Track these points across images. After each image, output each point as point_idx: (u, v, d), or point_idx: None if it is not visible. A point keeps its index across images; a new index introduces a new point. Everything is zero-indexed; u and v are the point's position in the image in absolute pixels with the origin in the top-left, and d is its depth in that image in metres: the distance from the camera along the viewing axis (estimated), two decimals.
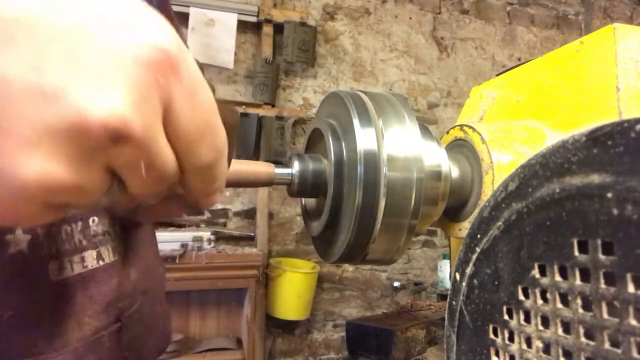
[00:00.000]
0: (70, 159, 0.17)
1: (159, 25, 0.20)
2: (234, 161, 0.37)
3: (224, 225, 2.44)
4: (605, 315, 0.19)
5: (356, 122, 0.35)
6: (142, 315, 0.48)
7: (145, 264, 0.51)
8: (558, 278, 0.22)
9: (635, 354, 0.18)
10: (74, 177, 0.18)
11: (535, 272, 0.23)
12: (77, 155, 0.18)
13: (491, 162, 0.38)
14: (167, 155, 0.21)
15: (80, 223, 0.40)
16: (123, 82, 0.18)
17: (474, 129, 0.40)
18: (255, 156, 2.39)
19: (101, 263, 0.42)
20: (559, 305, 0.22)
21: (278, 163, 0.37)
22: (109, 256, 0.43)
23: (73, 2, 0.18)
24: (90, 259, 0.40)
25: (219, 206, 2.44)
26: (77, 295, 0.39)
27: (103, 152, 0.18)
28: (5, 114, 0.16)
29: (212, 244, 2.21)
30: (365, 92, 0.38)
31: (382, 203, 0.34)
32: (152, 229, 0.57)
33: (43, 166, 0.17)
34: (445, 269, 2.59)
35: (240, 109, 2.39)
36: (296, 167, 0.37)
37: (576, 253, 0.21)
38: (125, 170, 0.20)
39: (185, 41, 0.59)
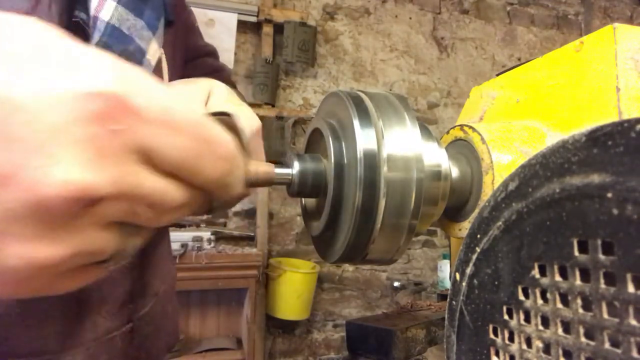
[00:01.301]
0: (46, 236, 0.17)
1: (91, 64, 0.18)
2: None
3: (224, 225, 2.44)
4: (605, 315, 0.19)
5: (356, 122, 0.35)
6: (153, 316, 0.48)
7: (159, 265, 0.51)
8: (558, 278, 0.22)
9: (635, 354, 0.18)
10: (63, 250, 0.17)
11: (535, 272, 0.23)
12: (53, 230, 0.17)
13: (491, 162, 0.38)
14: (161, 190, 0.20)
15: None
16: (70, 147, 0.16)
17: (474, 129, 0.40)
18: None
19: None
20: (559, 305, 0.22)
21: (278, 163, 0.37)
22: None
23: None
24: None
25: None
26: (91, 296, 0.39)
27: (83, 217, 0.18)
28: None
29: (212, 244, 2.21)
30: (365, 92, 0.38)
31: (382, 203, 0.34)
32: (167, 228, 0.57)
33: (22, 251, 0.17)
34: (445, 269, 2.59)
35: None
36: (296, 167, 0.37)
37: (576, 253, 0.21)
38: (126, 218, 0.19)
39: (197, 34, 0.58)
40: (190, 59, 0.56)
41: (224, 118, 0.27)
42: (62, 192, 0.16)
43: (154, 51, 0.41)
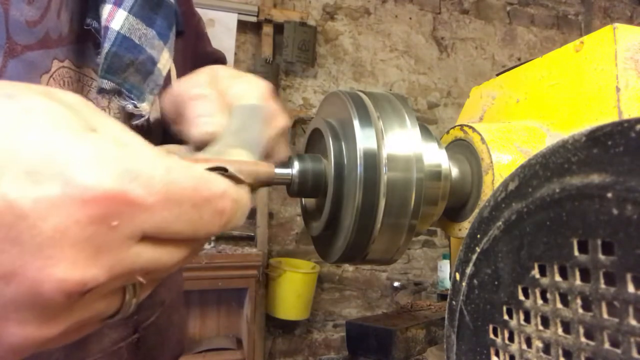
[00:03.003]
0: (45, 320, 0.18)
1: (88, 161, 0.18)
2: (233, 161, 0.37)
3: None
4: (605, 315, 0.19)
5: (356, 122, 0.35)
6: (159, 326, 0.48)
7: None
8: (558, 278, 0.22)
9: (635, 354, 0.18)
10: (62, 327, 0.19)
11: (535, 272, 0.23)
12: (51, 315, 0.18)
13: (491, 162, 0.38)
14: (159, 259, 0.21)
15: None
16: (69, 248, 0.18)
17: (474, 129, 0.40)
18: None
19: None
20: (559, 305, 0.22)
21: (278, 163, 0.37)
22: None
23: None
24: None
25: None
26: None
27: (81, 301, 0.19)
28: None
29: (212, 244, 2.21)
30: (365, 92, 0.38)
31: (382, 203, 0.34)
32: None
33: (22, 332, 0.18)
34: (445, 269, 2.59)
35: None
36: (296, 167, 0.36)
37: (576, 253, 0.21)
38: (125, 284, 0.21)
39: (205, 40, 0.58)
40: (198, 65, 0.56)
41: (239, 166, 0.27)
42: (60, 289, 0.18)
43: (166, 60, 0.41)
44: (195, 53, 0.54)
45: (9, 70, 0.30)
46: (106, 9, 0.36)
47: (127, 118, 0.39)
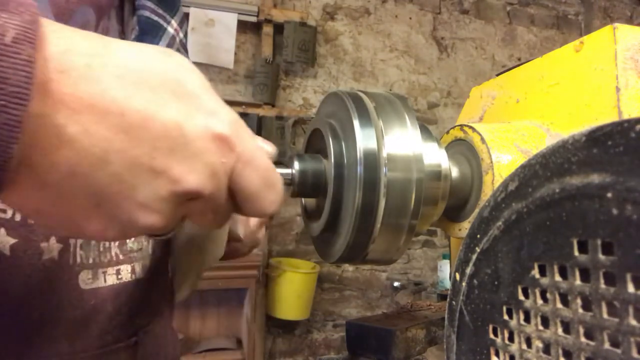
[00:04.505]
0: (165, 213, 0.25)
1: (221, 112, 0.26)
2: None
3: None
4: (605, 315, 0.19)
5: (356, 122, 0.35)
6: (157, 335, 0.49)
7: (165, 285, 0.52)
8: (558, 278, 0.22)
9: (635, 354, 0.18)
10: (166, 223, 0.26)
11: (535, 272, 0.23)
12: (170, 210, 0.25)
13: (491, 162, 0.38)
14: (225, 207, 0.28)
15: None
16: (200, 165, 0.25)
17: (474, 129, 0.40)
18: None
19: (134, 277, 0.44)
20: (559, 305, 0.22)
21: (278, 163, 0.37)
22: (141, 272, 0.45)
23: (167, 99, 0.24)
24: (125, 272, 0.43)
25: None
26: (106, 305, 0.42)
27: (184, 205, 0.26)
28: (129, 185, 0.23)
29: None
30: (365, 92, 0.38)
31: (382, 203, 0.34)
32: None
33: (149, 219, 0.25)
34: (445, 269, 2.59)
35: (240, 109, 2.39)
36: (296, 167, 0.36)
37: (576, 253, 0.21)
38: (195, 216, 0.28)
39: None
40: None
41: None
42: (193, 185, 0.25)
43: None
44: None
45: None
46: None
47: None
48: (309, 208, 0.43)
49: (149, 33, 0.44)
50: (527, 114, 0.43)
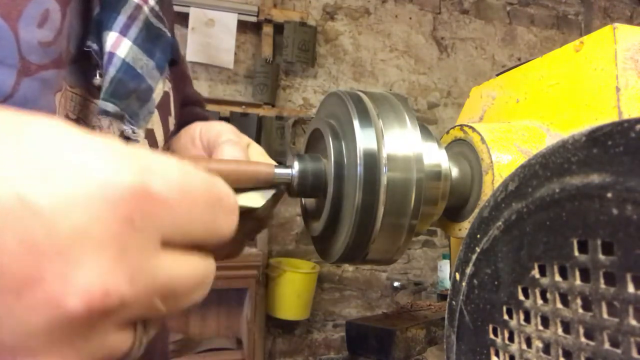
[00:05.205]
0: (62, 348, 0.16)
1: (104, 157, 0.17)
2: (233, 160, 0.37)
3: None
4: (605, 315, 0.19)
5: (356, 122, 0.35)
6: (152, 347, 0.48)
7: None
8: (558, 278, 0.22)
9: (635, 354, 0.18)
10: (82, 358, 0.17)
11: (535, 272, 0.23)
12: (69, 341, 0.16)
13: (491, 162, 0.38)
14: (180, 276, 0.19)
15: None
16: (91, 250, 0.16)
17: (474, 129, 0.40)
18: None
19: None
20: (559, 305, 0.22)
21: (278, 163, 0.37)
22: None
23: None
24: None
25: None
26: None
27: (102, 324, 0.17)
28: None
29: None
30: (365, 92, 0.38)
31: (382, 203, 0.34)
32: None
33: None
34: (445, 269, 2.59)
35: (240, 109, 2.39)
36: (296, 167, 0.36)
37: (576, 253, 0.21)
38: (144, 315, 0.19)
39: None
40: (182, 103, 0.59)
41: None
42: (82, 302, 0.15)
43: (159, 90, 0.43)
44: (179, 91, 0.56)
45: (23, 88, 0.31)
46: (112, 36, 0.37)
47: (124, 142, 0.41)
48: (309, 208, 0.43)
49: (107, 7, 0.38)
50: (527, 114, 0.43)
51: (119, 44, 0.38)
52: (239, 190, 0.33)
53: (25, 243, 0.15)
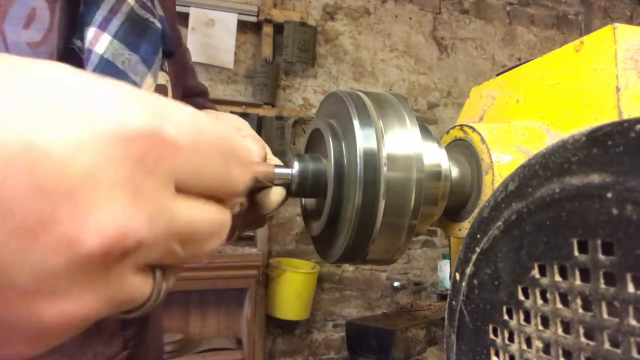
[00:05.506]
0: (80, 289, 0.16)
1: (114, 99, 0.17)
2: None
3: None
4: (605, 315, 0.19)
5: (356, 122, 0.35)
6: (147, 347, 0.48)
7: None
8: (558, 278, 0.22)
9: (635, 354, 0.18)
10: (98, 302, 0.17)
11: (535, 272, 0.23)
12: (87, 282, 0.16)
13: (491, 162, 0.38)
14: (196, 218, 0.19)
15: None
16: (105, 191, 0.15)
17: (474, 129, 0.40)
18: None
19: None
20: (559, 305, 0.22)
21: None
22: None
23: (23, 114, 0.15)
24: None
25: None
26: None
27: (119, 264, 0.16)
28: None
29: None
30: (365, 92, 0.38)
31: (382, 203, 0.34)
32: None
33: (54, 309, 0.15)
34: (445, 269, 2.59)
35: (240, 109, 2.39)
36: (296, 167, 0.36)
37: (576, 253, 0.21)
38: (161, 259, 0.19)
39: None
40: (184, 95, 0.57)
41: None
42: (100, 242, 0.15)
43: (149, 86, 0.41)
44: (180, 83, 0.55)
45: None
46: (90, 32, 0.36)
47: None
48: (309, 208, 0.43)
49: (88, 1, 0.37)
50: (527, 114, 0.43)
51: (97, 40, 0.36)
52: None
53: (36, 187, 0.14)
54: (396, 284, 2.75)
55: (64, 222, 0.15)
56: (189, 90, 0.58)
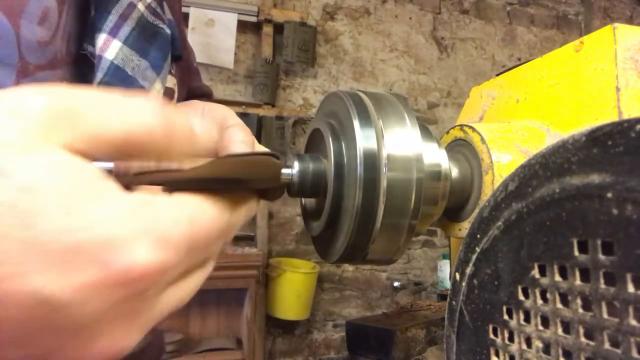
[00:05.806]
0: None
1: (116, 232, 0.17)
2: (232, 160, 0.37)
3: None
4: (605, 315, 0.19)
5: (356, 122, 0.35)
6: (148, 346, 0.48)
7: None
8: (558, 278, 0.22)
9: (635, 354, 0.18)
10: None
11: (535, 272, 0.23)
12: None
13: (491, 162, 0.38)
14: (182, 297, 0.24)
15: None
16: (107, 324, 0.18)
17: (474, 129, 0.40)
18: None
19: None
20: (559, 305, 0.22)
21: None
22: None
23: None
24: None
25: None
26: None
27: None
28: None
29: None
30: (365, 92, 0.38)
31: (382, 203, 0.34)
32: None
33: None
34: (445, 269, 2.59)
35: (240, 109, 2.39)
36: (296, 167, 0.36)
37: (576, 253, 0.21)
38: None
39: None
40: (189, 96, 0.57)
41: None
42: (102, 358, 0.18)
43: (157, 92, 0.41)
44: (185, 84, 0.55)
45: None
46: (101, 38, 0.36)
47: None
48: (309, 208, 0.43)
49: (99, 7, 0.37)
50: (527, 114, 0.43)
51: (107, 46, 0.37)
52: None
53: (45, 328, 0.17)
54: (396, 284, 2.75)
55: (70, 350, 0.18)
56: (193, 91, 0.58)
